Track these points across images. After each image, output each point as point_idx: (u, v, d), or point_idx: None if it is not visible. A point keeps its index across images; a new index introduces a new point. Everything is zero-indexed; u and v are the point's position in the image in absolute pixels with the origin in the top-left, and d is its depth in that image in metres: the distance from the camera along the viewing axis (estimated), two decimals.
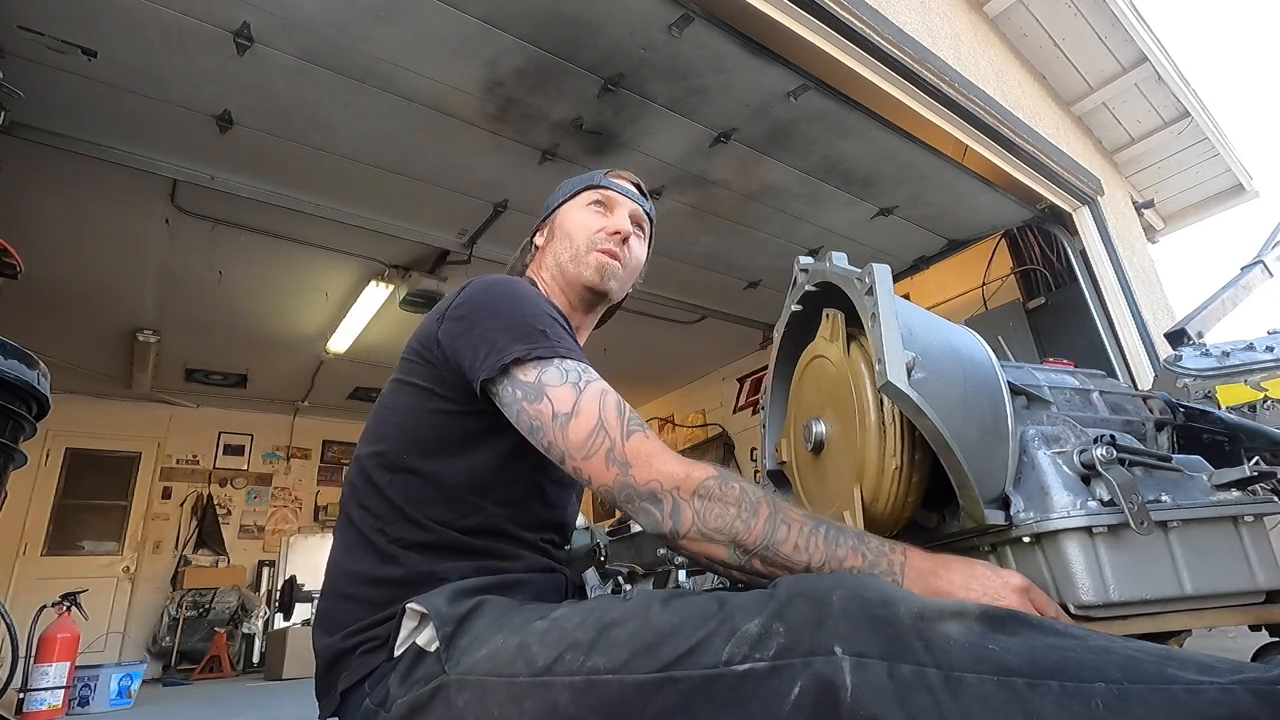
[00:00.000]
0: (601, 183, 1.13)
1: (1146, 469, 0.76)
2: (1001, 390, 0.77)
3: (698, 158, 3.52)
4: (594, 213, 1.10)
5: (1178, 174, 5.39)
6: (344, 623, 0.81)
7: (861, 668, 0.50)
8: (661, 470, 0.73)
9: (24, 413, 1.37)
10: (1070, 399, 0.94)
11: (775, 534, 0.69)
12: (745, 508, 0.70)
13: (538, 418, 0.79)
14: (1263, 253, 1.77)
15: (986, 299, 4.71)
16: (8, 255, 1.92)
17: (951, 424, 0.69)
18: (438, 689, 0.68)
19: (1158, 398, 1.01)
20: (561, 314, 0.91)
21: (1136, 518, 0.68)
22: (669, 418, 7.97)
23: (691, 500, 0.71)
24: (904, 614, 0.53)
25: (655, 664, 0.59)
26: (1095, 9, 4.18)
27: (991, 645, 0.50)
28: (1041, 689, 0.47)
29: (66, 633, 3.76)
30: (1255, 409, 1.02)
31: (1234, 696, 0.44)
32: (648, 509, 0.73)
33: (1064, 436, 0.78)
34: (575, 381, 0.79)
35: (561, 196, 1.15)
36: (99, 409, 6.52)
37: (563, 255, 1.08)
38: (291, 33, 2.58)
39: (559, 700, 0.61)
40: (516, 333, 0.82)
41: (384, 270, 4.60)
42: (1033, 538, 0.73)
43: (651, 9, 2.57)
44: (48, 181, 3.44)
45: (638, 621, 0.63)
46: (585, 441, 0.76)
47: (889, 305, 0.74)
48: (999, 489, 0.75)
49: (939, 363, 0.73)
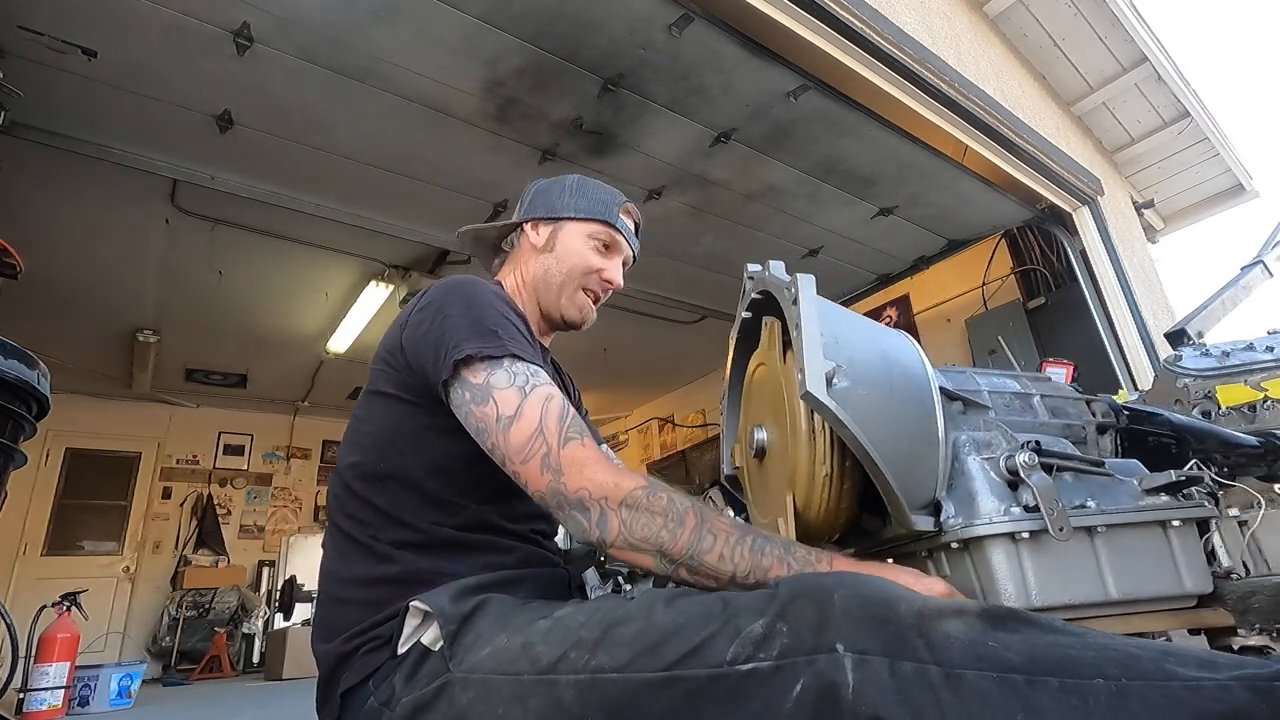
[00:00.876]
0: (617, 224, 1.13)
1: (1077, 474, 0.77)
2: (932, 396, 0.78)
3: (698, 158, 3.52)
4: (597, 250, 1.11)
5: (1178, 174, 5.39)
6: (342, 627, 0.81)
7: (863, 665, 0.50)
8: (591, 479, 0.73)
9: (24, 413, 1.37)
10: (1010, 403, 0.94)
11: (701, 544, 0.70)
12: (672, 518, 0.71)
13: (483, 420, 0.79)
14: (1263, 253, 1.76)
15: (986, 299, 4.71)
16: (8, 255, 1.92)
17: (874, 432, 0.70)
18: (442, 687, 0.69)
19: (1102, 400, 1.01)
20: (520, 315, 0.92)
21: (1055, 523, 0.68)
22: (669, 418, 7.97)
23: (619, 510, 0.72)
24: (905, 612, 0.53)
25: (659, 663, 0.59)
26: (1095, 9, 4.18)
27: (991, 643, 0.51)
28: (1041, 685, 0.48)
29: (66, 633, 3.76)
30: (1255, 409, 1.02)
31: (1232, 692, 0.44)
32: (575, 517, 0.74)
33: (995, 442, 0.79)
34: (522, 385, 0.80)
35: (574, 209, 1.12)
36: (99, 409, 6.52)
37: (552, 275, 1.09)
38: (291, 33, 2.58)
39: (563, 698, 0.61)
40: (468, 332, 0.83)
41: (384, 270, 4.60)
42: (961, 543, 0.74)
43: (651, 9, 2.56)
44: (48, 181, 3.44)
45: (642, 621, 0.64)
46: (524, 446, 0.76)
47: (811, 315, 0.75)
48: (930, 495, 0.76)
49: (865, 370, 0.74)
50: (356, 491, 0.87)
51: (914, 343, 0.85)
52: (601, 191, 1.15)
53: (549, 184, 1.17)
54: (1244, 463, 0.91)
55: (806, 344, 0.72)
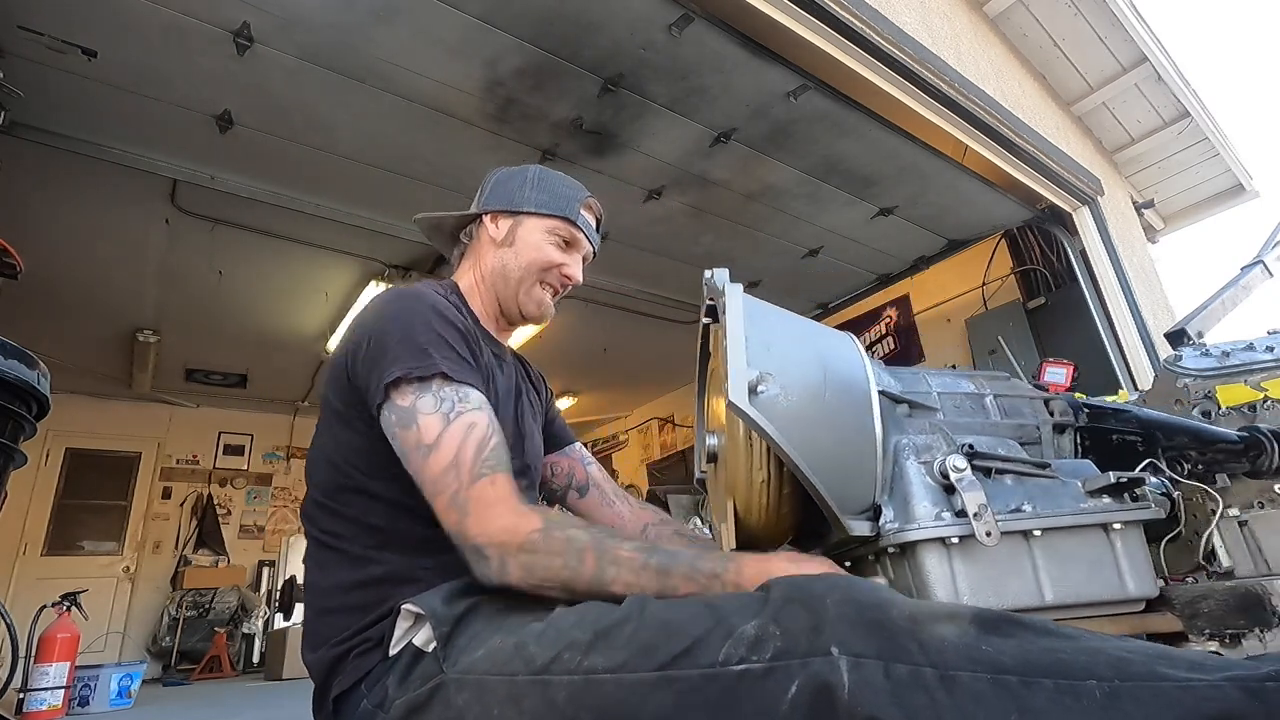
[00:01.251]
0: (577, 221, 1.10)
1: (1018, 476, 0.76)
2: (870, 401, 0.77)
3: (698, 158, 3.52)
4: (557, 246, 1.09)
5: (1178, 174, 5.39)
6: (330, 635, 0.81)
7: (858, 668, 0.51)
8: (490, 524, 0.74)
9: (24, 413, 1.37)
10: (960, 404, 0.93)
11: (604, 576, 0.71)
12: (570, 556, 0.72)
13: (405, 445, 0.79)
14: (1263, 253, 1.76)
15: (986, 299, 4.71)
16: (8, 255, 1.92)
17: (804, 438, 0.70)
18: (436, 688, 0.69)
19: (1060, 399, 1.00)
20: (458, 327, 0.89)
21: (982, 528, 0.68)
22: (669, 418, 7.97)
23: (517, 555, 0.72)
24: (898, 616, 0.54)
25: (652, 664, 0.59)
26: (1095, 9, 4.18)
27: (985, 646, 0.51)
28: (1035, 687, 0.48)
29: (66, 633, 3.76)
30: (1255, 409, 1.02)
31: (1223, 692, 0.45)
32: (477, 564, 0.74)
33: (935, 445, 0.78)
34: (446, 412, 0.79)
35: (534, 204, 1.10)
36: (99, 409, 6.52)
37: (511, 270, 1.07)
38: (291, 33, 2.58)
39: (557, 699, 0.61)
40: (399, 350, 0.82)
41: (384, 270, 4.60)
42: (897, 548, 0.74)
43: (651, 9, 2.56)
44: (48, 181, 3.44)
45: (634, 623, 0.64)
46: (437, 479, 0.76)
47: (737, 324, 0.75)
48: (869, 500, 0.75)
49: (797, 377, 0.74)
50: (326, 506, 0.88)
51: (857, 345, 0.85)
52: (563, 186, 1.12)
53: (509, 174, 1.15)
54: (1222, 458, 0.89)
55: (730, 353, 0.72)
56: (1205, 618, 0.70)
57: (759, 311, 0.80)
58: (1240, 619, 0.68)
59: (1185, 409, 1.08)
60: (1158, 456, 0.89)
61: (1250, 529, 0.89)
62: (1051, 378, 1.48)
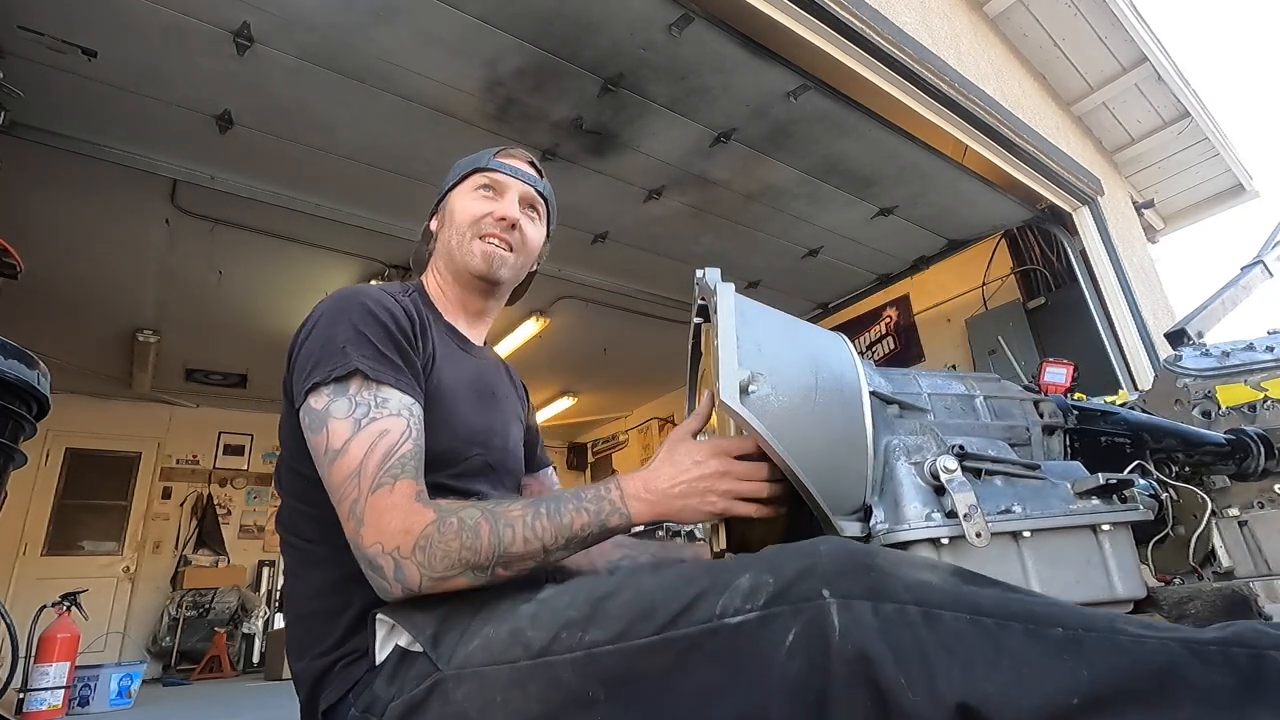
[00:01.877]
0: (490, 165, 1.09)
1: (1007, 477, 0.77)
2: (861, 401, 0.78)
3: (698, 158, 3.52)
4: (482, 197, 1.07)
5: (1178, 174, 5.39)
6: (312, 642, 0.81)
7: (848, 608, 0.53)
8: (385, 530, 0.72)
9: (24, 413, 1.37)
10: (950, 406, 0.93)
11: (502, 540, 0.72)
12: (466, 535, 0.71)
13: (315, 449, 0.78)
14: (1263, 253, 1.76)
15: (986, 299, 4.71)
16: (8, 255, 1.92)
17: (795, 438, 0.70)
18: (434, 686, 0.68)
19: (1050, 401, 1.00)
20: (396, 320, 0.87)
21: (972, 529, 0.69)
22: (669, 418, 7.97)
23: (413, 555, 0.71)
24: (883, 562, 0.57)
25: (651, 627, 0.60)
26: (1095, 9, 4.18)
27: (965, 590, 0.55)
28: (1009, 629, 0.52)
29: (66, 633, 3.77)
30: (1255, 409, 1.02)
31: (1170, 648, 0.51)
32: (373, 576, 0.73)
33: (925, 446, 0.79)
34: (360, 417, 0.77)
35: (451, 180, 1.12)
36: (99, 409, 6.51)
37: (451, 242, 1.06)
38: (291, 33, 2.58)
39: (563, 677, 0.62)
40: (320, 353, 0.81)
41: (384, 270, 4.60)
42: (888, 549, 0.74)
43: (651, 9, 2.56)
44: (48, 181, 3.44)
45: (630, 591, 0.65)
46: (340, 485, 0.75)
47: (729, 324, 0.75)
48: (860, 500, 0.76)
49: (788, 377, 0.74)
50: (299, 509, 0.88)
51: (848, 346, 0.85)
52: (472, 155, 1.13)
53: (441, 183, 1.18)
54: (1210, 460, 0.90)
55: (722, 353, 0.72)
56: (1192, 619, 0.70)
57: (751, 311, 0.80)
58: (1227, 620, 0.68)
59: (1185, 409, 1.08)
60: (1146, 459, 0.90)
61: (1250, 529, 0.89)
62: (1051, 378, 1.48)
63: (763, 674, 0.54)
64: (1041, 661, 0.50)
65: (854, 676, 0.51)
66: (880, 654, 0.51)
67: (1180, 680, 0.49)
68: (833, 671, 0.51)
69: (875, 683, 0.50)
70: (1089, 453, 0.96)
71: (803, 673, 0.53)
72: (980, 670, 0.50)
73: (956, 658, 0.51)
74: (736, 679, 0.56)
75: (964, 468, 0.74)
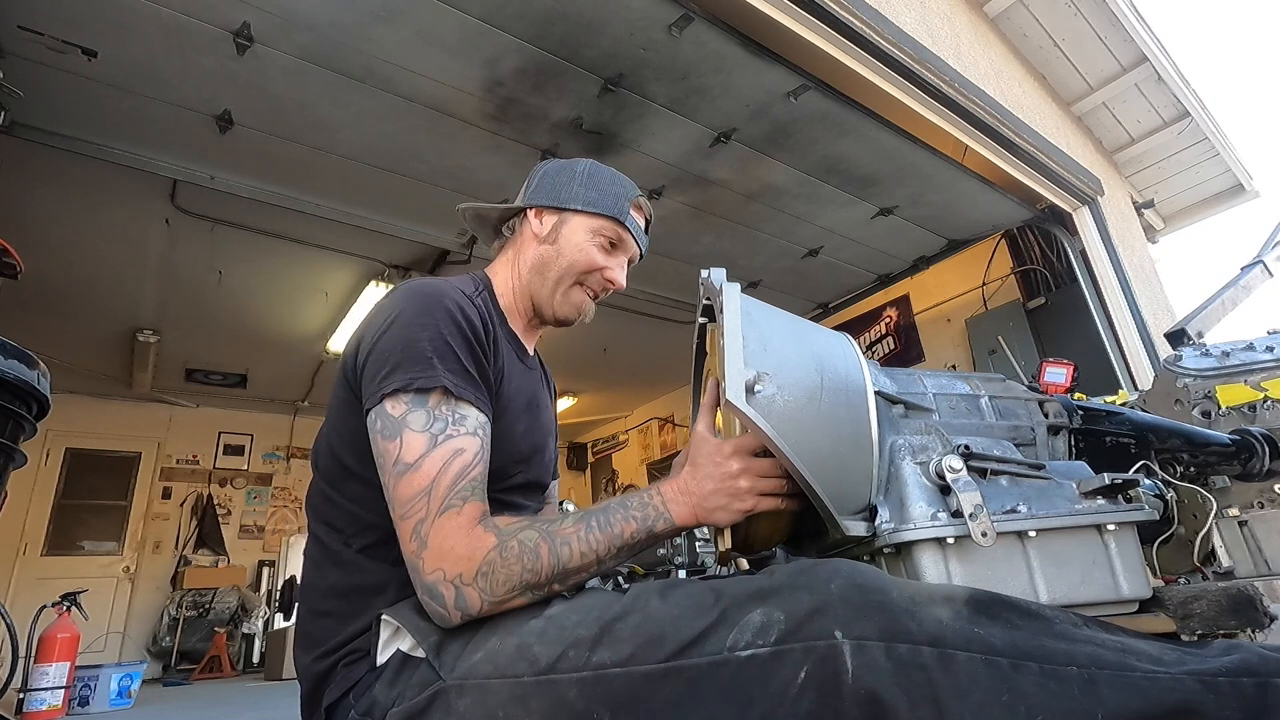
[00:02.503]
0: (627, 223, 1.05)
1: (1013, 477, 0.77)
2: (866, 401, 0.78)
3: (698, 158, 3.52)
4: (601, 248, 1.04)
5: (1178, 174, 5.38)
6: (321, 639, 0.81)
7: (861, 650, 0.54)
8: (448, 556, 0.71)
9: (24, 413, 1.37)
10: (955, 405, 0.93)
11: (560, 558, 0.72)
12: (527, 557, 0.72)
13: (384, 456, 0.77)
14: (1263, 253, 1.77)
15: (986, 299, 4.71)
16: (8, 255, 1.92)
17: (801, 438, 0.70)
18: (435, 695, 0.68)
19: (1055, 401, 1.00)
20: (476, 329, 0.86)
21: (978, 528, 0.69)
22: (669, 418, 7.97)
23: (475, 582, 0.71)
24: (897, 599, 0.57)
25: (660, 655, 0.60)
26: (1095, 9, 4.17)
27: (978, 629, 0.55)
28: (1023, 669, 0.53)
29: (66, 633, 3.76)
30: (1255, 409, 1.02)
31: (1183, 684, 0.52)
32: (430, 604, 0.72)
33: (930, 446, 0.79)
34: (437, 432, 0.76)
35: (581, 201, 1.04)
36: (99, 409, 6.51)
37: (550, 268, 1.02)
38: (291, 33, 2.58)
39: (567, 696, 0.62)
40: (402, 357, 0.79)
41: (384, 270, 4.60)
42: (893, 548, 0.74)
43: (651, 9, 2.56)
44: (48, 181, 3.44)
45: (639, 615, 0.65)
46: (408, 501, 0.74)
47: (734, 323, 0.75)
48: (865, 500, 0.76)
49: (794, 376, 0.74)
50: (327, 494, 0.87)
51: (853, 346, 0.85)
52: (613, 184, 1.07)
53: (558, 168, 1.09)
54: (1214, 461, 0.90)
55: (728, 352, 0.72)
56: (1198, 618, 0.70)
57: (756, 311, 0.80)
58: (1232, 620, 0.68)
59: (1185, 409, 1.08)
60: (1151, 459, 0.90)
61: (1250, 529, 0.89)
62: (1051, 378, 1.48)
63: (771, 709, 0.55)
64: (1055, 705, 0.50)
65: (866, 719, 0.52)
66: (893, 697, 0.51)
67: (1194, 717, 0.50)
68: (844, 713, 0.52)
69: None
70: (1093, 453, 0.97)
71: (813, 711, 0.53)
72: (994, 715, 0.50)
73: (970, 702, 0.51)
74: (745, 712, 0.56)
75: (969, 467, 0.74)
